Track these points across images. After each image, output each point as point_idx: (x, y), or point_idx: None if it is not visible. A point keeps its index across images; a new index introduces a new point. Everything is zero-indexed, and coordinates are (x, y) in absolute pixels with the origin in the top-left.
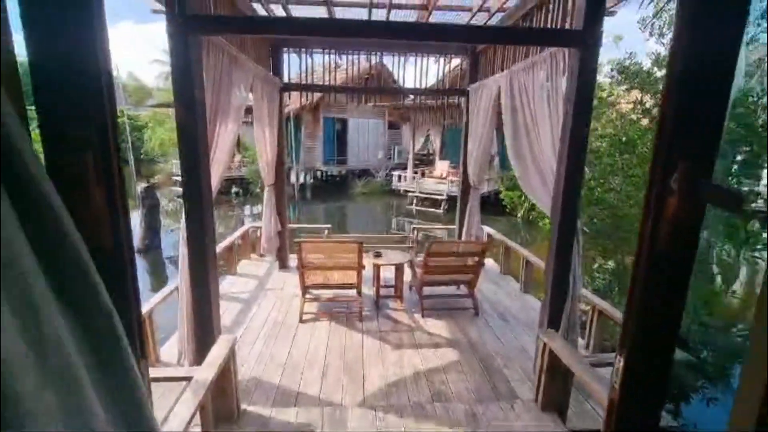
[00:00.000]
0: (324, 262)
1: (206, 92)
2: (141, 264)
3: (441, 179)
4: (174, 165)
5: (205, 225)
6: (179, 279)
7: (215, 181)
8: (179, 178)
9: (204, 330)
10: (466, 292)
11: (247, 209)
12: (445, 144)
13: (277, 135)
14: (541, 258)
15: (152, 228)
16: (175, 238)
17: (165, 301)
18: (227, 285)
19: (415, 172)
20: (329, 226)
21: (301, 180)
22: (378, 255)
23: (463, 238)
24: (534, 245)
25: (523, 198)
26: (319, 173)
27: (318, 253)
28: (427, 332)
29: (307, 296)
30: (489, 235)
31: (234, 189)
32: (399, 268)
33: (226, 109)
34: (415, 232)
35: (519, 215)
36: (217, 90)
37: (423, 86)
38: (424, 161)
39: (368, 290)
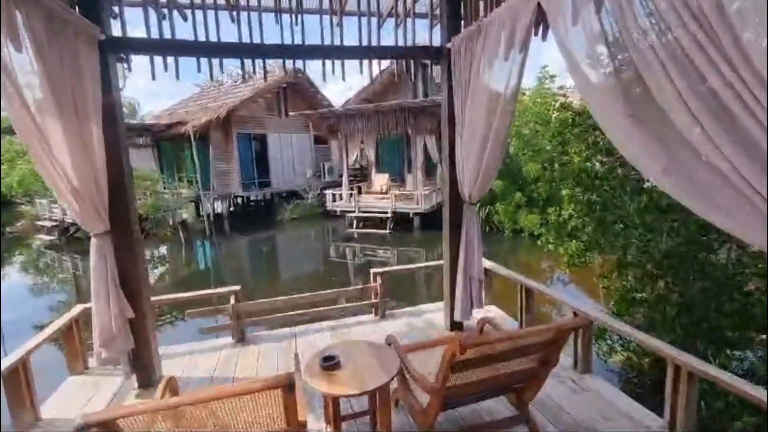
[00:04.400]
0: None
1: None
2: None
3: (383, 195)
4: (42, 206)
5: None
6: None
7: None
8: (48, 223)
9: None
10: (513, 411)
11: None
12: (379, 156)
13: (108, 137)
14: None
15: None
16: (41, 301)
17: None
18: None
19: (351, 189)
20: (236, 288)
21: (218, 209)
22: (330, 364)
23: (459, 279)
24: (530, 269)
25: (513, 212)
26: (239, 199)
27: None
28: None
29: None
30: (486, 270)
31: None
32: (382, 390)
33: None
34: (378, 278)
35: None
36: None
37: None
38: (357, 177)
39: (315, 423)
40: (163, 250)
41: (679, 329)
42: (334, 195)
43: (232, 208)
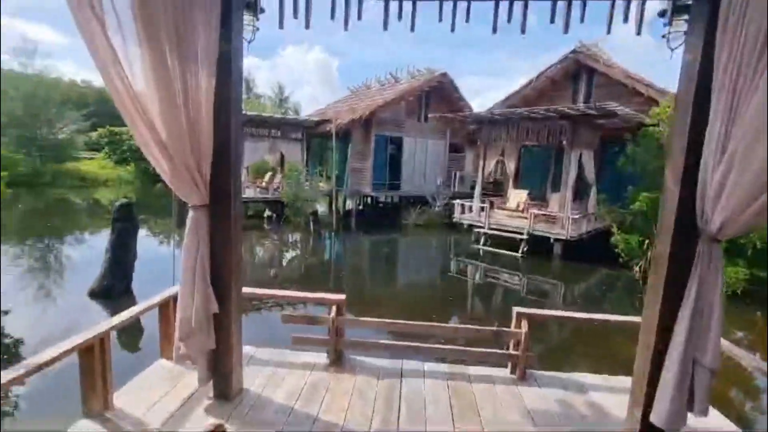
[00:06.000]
0: None
1: None
2: (86, 315)
3: (519, 213)
4: None
5: None
6: None
7: None
8: None
9: None
10: None
11: (283, 238)
12: (520, 170)
13: (219, 93)
14: None
15: (120, 263)
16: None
17: None
18: None
19: (483, 202)
20: (341, 297)
21: (348, 206)
22: None
23: (673, 359)
24: None
25: (646, 245)
26: (368, 199)
27: None
28: None
29: None
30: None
31: (267, 213)
32: None
33: None
34: (523, 323)
35: (636, 270)
36: None
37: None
38: (490, 191)
39: None
40: (296, 237)
41: None
42: (463, 206)
43: (360, 207)
